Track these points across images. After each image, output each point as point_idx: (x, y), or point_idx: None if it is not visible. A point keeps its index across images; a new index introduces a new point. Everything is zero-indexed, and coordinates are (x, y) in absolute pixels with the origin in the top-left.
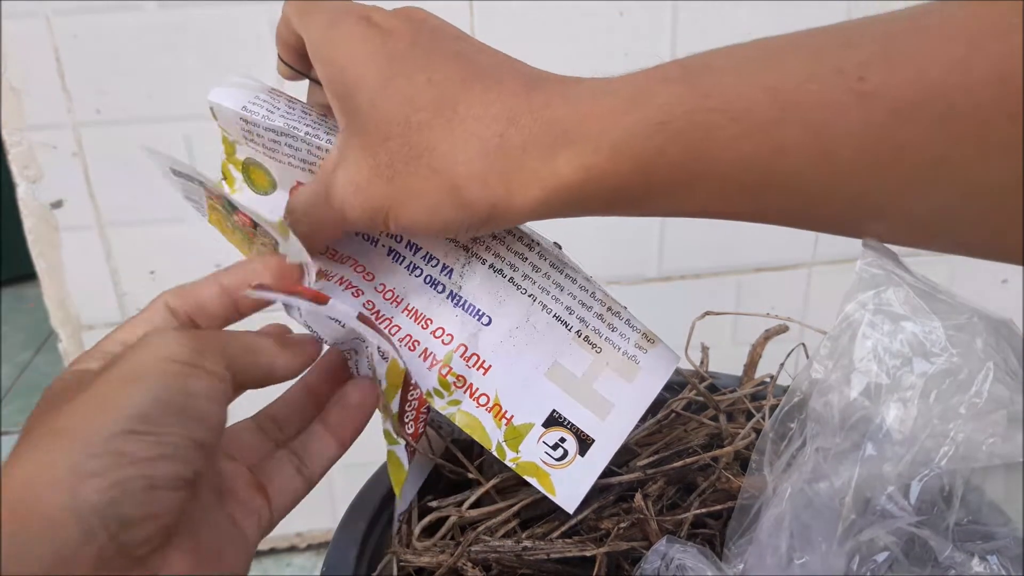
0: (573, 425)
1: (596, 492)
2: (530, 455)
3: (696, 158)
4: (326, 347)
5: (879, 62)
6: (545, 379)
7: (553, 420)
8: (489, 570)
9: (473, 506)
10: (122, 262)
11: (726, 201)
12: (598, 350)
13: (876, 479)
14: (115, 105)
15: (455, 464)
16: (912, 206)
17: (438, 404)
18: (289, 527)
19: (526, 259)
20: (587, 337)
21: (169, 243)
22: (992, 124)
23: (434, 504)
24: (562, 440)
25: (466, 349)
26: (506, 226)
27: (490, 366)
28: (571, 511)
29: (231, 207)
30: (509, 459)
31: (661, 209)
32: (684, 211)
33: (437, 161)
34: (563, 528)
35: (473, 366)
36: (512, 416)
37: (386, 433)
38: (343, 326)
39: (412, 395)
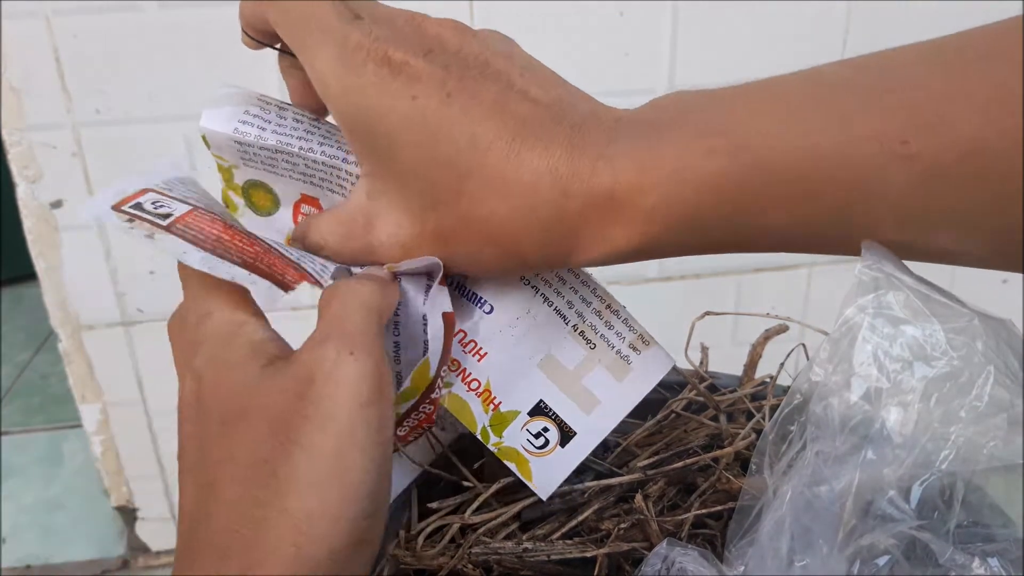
0: (558, 416)
1: (597, 493)
2: (512, 441)
3: (748, 221)
4: None
5: (918, 127)
6: (537, 369)
7: (539, 409)
8: (490, 572)
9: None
10: (121, 262)
11: (775, 246)
12: (592, 346)
13: (876, 483)
14: (115, 105)
15: (452, 472)
16: (942, 245)
17: None
18: None
19: None
20: (583, 332)
21: None
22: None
23: (434, 506)
24: (545, 430)
25: (465, 335)
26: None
27: (486, 352)
28: (544, 498)
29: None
30: (492, 443)
31: (715, 253)
32: (737, 251)
33: (494, 230)
34: (564, 529)
35: (469, 352)
36: (500, 402)
37: None
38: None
39: (425, 408)
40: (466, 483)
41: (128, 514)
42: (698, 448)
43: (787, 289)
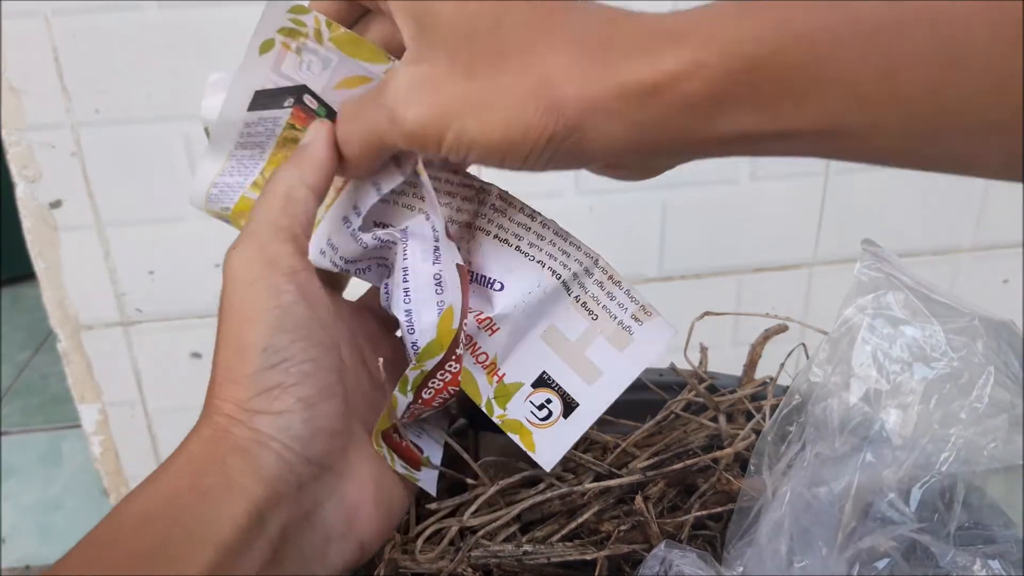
0: (560, 388)
1: (596, 495)
2: (516, 413)
3: (814, 61)
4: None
5: None
6: (540, 341)
7: (542, 381)
8: (489, 574)
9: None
10: (121, 262)
11: (838, 117)
12: (594, 317)
13: (876, 485)
14: (114, 105)
15: (454, 468)
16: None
17: None
18: None
19: (529, 228)
20: (584, 303)
21: (168, 243)
22: None
23: (433, 507)
24: (548, 401)
25: (480, 312)
26: (582, 157)
27: (498, 328)
28: (548, 469)
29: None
30: (496, 415)
31: (761, 126)
32: (789, 128)
33: (532, 58)
34: (563, 531)
35: (484, 328)
36: (504, 374)
37: (403, 381)
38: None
39: (450, 367)
40: (470, 481)
41: None
42: (698, 449)
43: (787, 289)
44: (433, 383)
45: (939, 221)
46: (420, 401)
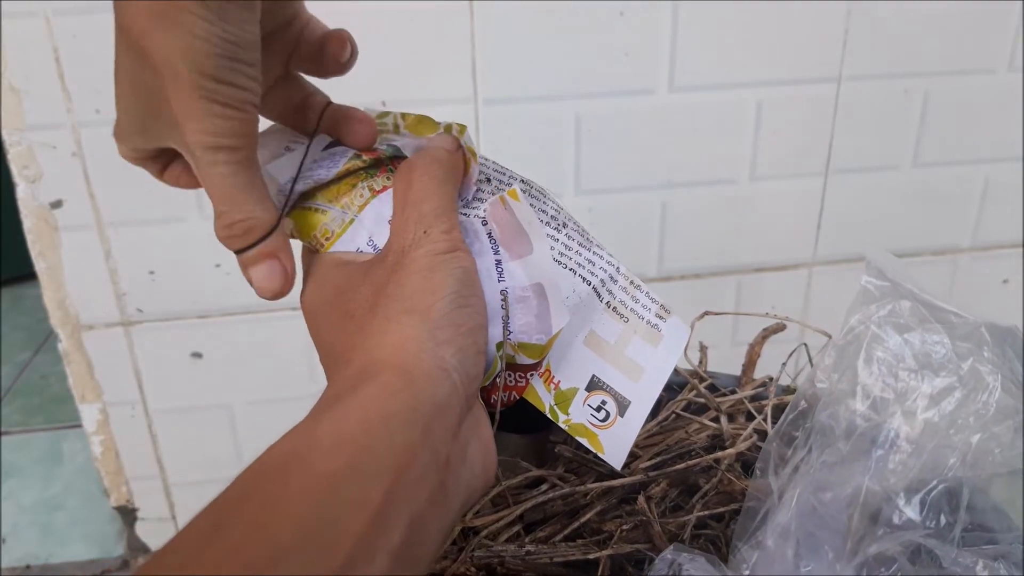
0: (611, 388)
1: (599, 495)
2: (579, 417)
3: None
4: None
5: None
6: (584, 346)
7: (594, 384)
8: (492, 574)
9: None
10: (121, 262)
11: None
12: (625, 320)
13: (883, 491)
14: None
15: None
16: None
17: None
18: None
19: (558, 240)
20: (615, 308)
21: (168, 243)
22: None
23: None
24: (604, 403)
25: None
26: None
27: None
28: (618, 467)
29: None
30: (562, 421)
31: None
32: None
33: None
34: (566, 531)
35: None
36: (559, 381)
37: (499, 345)
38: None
39: (531, 375)
40: None
41: (128, 514)
42: (700, 450)
43: (787, 289)
44: (509, 379)
45: (939, 221)
46: (492, 388)
